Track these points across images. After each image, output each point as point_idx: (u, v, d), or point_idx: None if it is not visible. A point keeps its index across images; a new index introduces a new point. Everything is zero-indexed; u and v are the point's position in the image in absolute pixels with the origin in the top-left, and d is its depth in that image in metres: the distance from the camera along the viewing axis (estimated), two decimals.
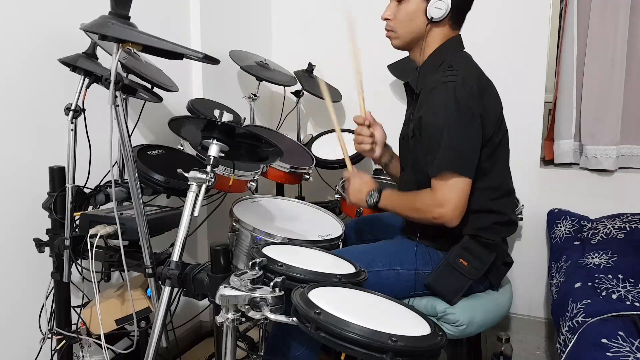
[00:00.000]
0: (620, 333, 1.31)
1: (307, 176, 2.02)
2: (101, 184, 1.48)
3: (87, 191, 1.43)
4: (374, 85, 2.48)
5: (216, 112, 1.16)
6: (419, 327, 0.96)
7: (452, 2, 1.36)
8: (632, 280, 1.62)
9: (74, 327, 1.47)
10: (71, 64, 1.33)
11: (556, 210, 2.21)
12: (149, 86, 1.51)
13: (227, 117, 1.14)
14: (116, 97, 1.12)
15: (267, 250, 1.21)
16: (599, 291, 1.61)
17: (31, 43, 1.48)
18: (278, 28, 2.68)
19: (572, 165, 2.28)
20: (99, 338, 1.33)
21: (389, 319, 1.01)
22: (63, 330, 1.43)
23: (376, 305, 1.06)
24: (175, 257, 1.17)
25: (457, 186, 1.30)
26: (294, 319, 0.93)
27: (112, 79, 1.10)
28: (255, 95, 2.23)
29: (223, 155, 1.20)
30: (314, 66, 2.36)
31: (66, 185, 1.35)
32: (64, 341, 1.44)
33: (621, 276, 1.65)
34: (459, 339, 1.42)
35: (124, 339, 1.51)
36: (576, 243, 2.00)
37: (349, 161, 1.62)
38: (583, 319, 1.44)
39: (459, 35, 1.46)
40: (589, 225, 2.08)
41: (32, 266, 1.50)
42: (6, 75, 1.42)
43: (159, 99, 1.61)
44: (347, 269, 1.23)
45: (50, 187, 1.40)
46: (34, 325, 1.45)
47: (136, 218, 1.21)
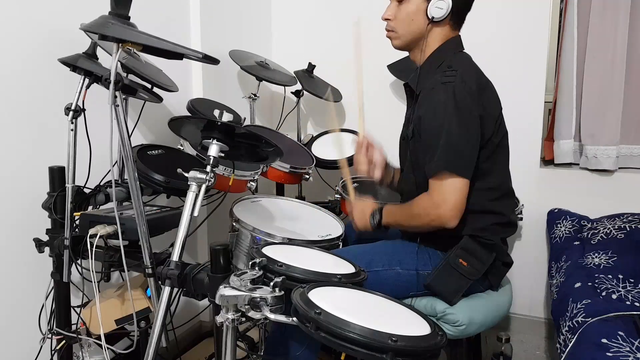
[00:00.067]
0: (620, 333, 1.31)
1: (307, 176, 2.02)
2: (101, 184, 1.48)
3: (87, 191, 1.43)
4: (374, 85, 2.49)
5: (216, 112, 1.16)
6: (419, 327, 0.96)
7: (453, 2, 1.36)
8: (632, 280, 1.62)
9: (73, 327, 1.47)
10: (71, 64, 1.33)
11: (556, 210, 2.21)
12: (149, 86, 1.51)
13: (227, 117, 1.14)
14: (116, 97, 1.12)
15: (267, 250, 1.22)
16: (599, 291, 1.61)
17: (31, 43, 1.48)
18: (278, 28, 2.68)
19: (572, 165, 2.28)
20: (99, 338, 1.33)
21: (389, 319, 1.01)
22: (63, 330, 1.43)
23: (376, 305, 1.06)
24: (175, 257, 1.17)
25: (455, 186, 1.29)
26: (294, 319, 0.93)
27: (112, 79, 1.10)
28: (255, 95, 2.23)
29: (223, 155, 1.20)
30: (314, 66, 2.36)
31: (66, 185, 1.35)
32: (64, 341, 1.44)
33: (621, 276, 1.65)
34: (458, 339, 1.42)
35: (124, 339, 1.51)
36: (576, 243, 2.00)
37: (353, 192, 1.62)
38: (583, 319, 1.44)
39: (459, 35, 1.46)
40: (589, 225, 2.08)
41: (32, 266, 1.50)
42: (6, 75, 1.42)
43: (159, 99, 1.61)
44: (347, 268, 1.23)
45: (50, 187, 1.40)
46: (34, 325, 1.45)
47: (136, 218, 1.21)
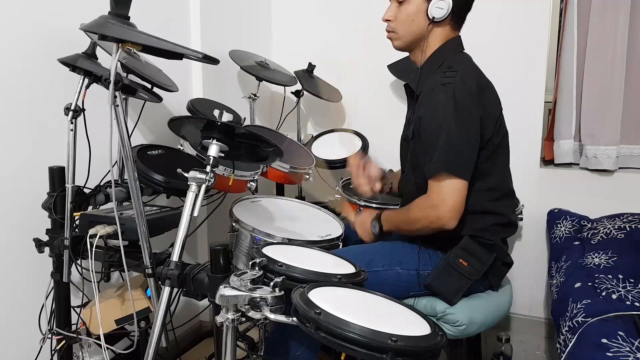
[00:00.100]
0: (620, 333, 1.31)
1: (307, 176, 2.01)
2: (101, 184, 1.48)
3: (87, 191, 1.43)
4: (374, 85, 2.49)
5: (216, 112, 1.15)
6: (419, 327, 0.96)
7: (454, 2, 1.36)
8: (632, 280, 1.62)
9: (73, 327, 1.47)
10: (71, 64, 1.33)
11: (556, 210, 2.21)
12: (149, 86, 1.51)
13: (227, 117, 1.14)
14: (116, 97, 1.12)
15: (267, 250, 1.21)
16: (599, 291, 1.61)
17: (31, 43, 1.48)
18: (278, 28, 2.68)
19: (572, 165, 2.28)
20: (98, 338, 1.33)
21: (389, 319, 1.01)
22: (63, 330, 1.43)
23: (376, 305, 1.06)
24: (175, 257, 1.17)
25: (453, 187, 1.29)
26: (294, 319, 0.93)
27: (112, 79, 1.10)
28: (255, 95, 2.23)
29: (223, 155, 1.20)
30: (314, 66, 2.36)
31: (66, 185, 1.35)
32: (63, 341, 1.44)
33: (621, 276, 1.65)
34: (458, 339, 1.42)
35: (124, 339, 1.51)
36: (576, 243, 2.00)
37: (352, 213, 1.68)
38: (583, 319, 1.44)
39: (459, 36, 1.46)
40: (589, 225, 2.08)
41: (32, 266, 1.50)
42: (6, 75, 1.42)
43: (159, 99, 1.61)
44: (347, 269, 1.23)
45: (50, 187, 1.40)
46: (34, 325, 1.45)
47: (136, 218, 1.21)
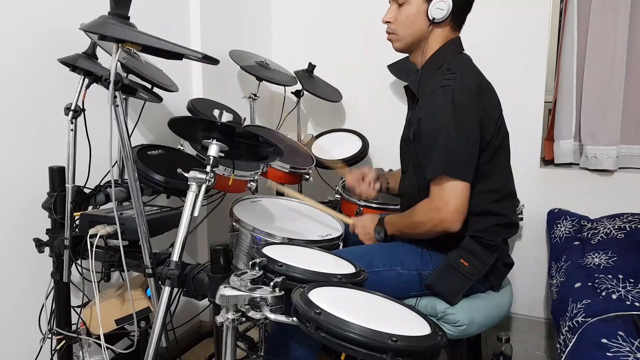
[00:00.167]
0: (620, 333, 1.31)
1: (307, 176, 2.02)
2: (101, 184, 1.48)
3: (87, 191, 1.43)
4: (374, 85, 2.49)
5: (216, 112, 1.16)
6: (419, 327, 0.96)
7: (454, 3, 1.35)
8: (632, 280, 1.62)
9: (74, 327, 1.47)
10: (71, 64, 1.33)
11: (556, 210, 2.21)
12: (149, 86, 1.51)
13: (227, 117, 1.14)
14: (116, 97, 1.12)
15: (267, 250, 1.21)
16: (599, 291, 1.61)
17: (31, 43, 1.48)
18: (278, 28, 2.68)
19: (572, 165, 2.28)
20: (99, 338, 1.33)
21: (389, 319, 1.01)
22: (63, 330, 1.43)
23: (376, 305, 1.06)
24: (175, 257, 1.17)
25: (455, 190, 1.29)
26: (294, 319, 0.93)
27: (112, 79, 1.10)
28: (255, 95, 2.23)
29: (223, 155, 1.20)
30: (314, 66, 2.36)
31: (66, 185, 1.35)
32: (64, 341, 1.44)
33: (621, 276, 1.65)
34: (459, 339, 1.42)
35: (124, 339, 1.51)
36: (576, 243, 2.00)
37: (345, 217, 1.68)
38: (583, 319, 1.44)
39: (459, 37, 1.46)
40: (589, 225, 2.08)
41: (32, 266, 1.50)
42: (6, 75, 1.42)
43: (159, 99, 1.61)
44: (347, 269, 1.23)
45: (50, 187, 1.40)
46: (34, 325, 1.45)
47: (136, 218, 1.21)
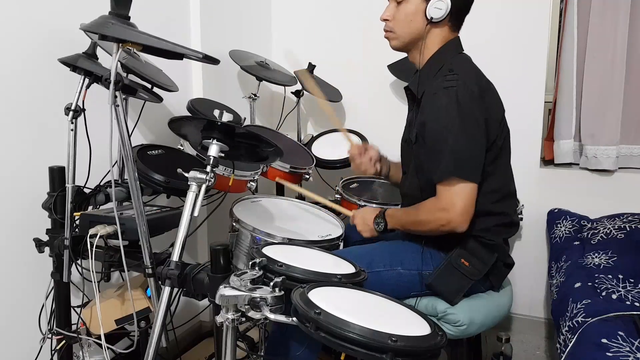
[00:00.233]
0: (620, 333, 1.31)
1: (307, 176, 2.02)
2: (101, 184, 1.48)
3: (87, 191, 1.43)
4: (374, 85, 2.49)
5: (216, 112, 1.15)
6: (419, 327, 0.96)
7: (452, 2, 1.35)
8: (632, 280, 1.62)
9: (74, 327, 1.47)
10: (71, 64, 1.33)
11: (556, 210, 2.21)
12: (149, 86, 1.51)
13: (227, 117, 1.14)
14: (116, 97, 1.12)
15: (267, 250, 1.21)
16: (599, 291, 1.61)
17: (31, 43, 1.48)
18: (278, 28, 2.68)
19: (572, 165, 2.28)
20: (99, 338, 1.33)
21: (389, 319, 1.01)
22: (63, 330, 1.43)
23: (376, 305, 1.06)
24: (175, 257, 1.17)
25: (463, 191, 1.29)
26: (294, 319, 0.93)
27: (112, 79, 1.10)
28: (255, 95, 2.23)
29: (223, 155, 1.20)
30: (314, 66, 2.36)
31: (66, 185, 1.35)
32: (64, 341, 1.44)
33: (621, 276, 1.65)
34: (459, 339, 1.42)
35: (124, 339, 1.51)
36: (576, 243, 2.00)
37: (346, 210, 1.68)
38: (583, 319, 1.44)
39: (458, 37, 1.46)
40: (589, 225, 2.08)
41: (32, 266, 1.50)
42: (6, 75, 1.42)
43: (159, 99, 1.61)
44: (347, 269, 1.23)
45: (50, 187, 1.40)
46: (34, 325, 1.45)
47: (136, 218, 1.21)
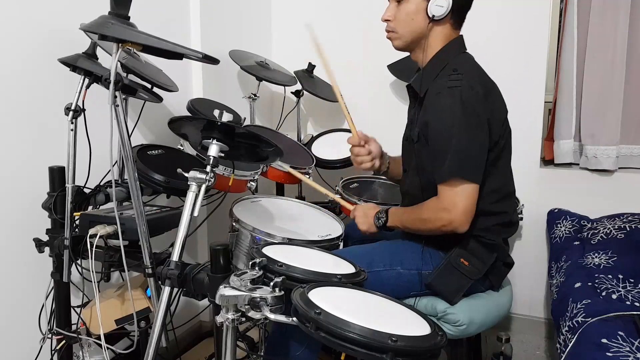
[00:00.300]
0: (620, 333, 1.31)
1: (307, 176, 2.01)
2: (101, 184, 1.48)
3: (87, 191, 1.43)
4: (374, 85, 2.49)
5: (216, 112, 1.15)
6: (419, 327, 0.96)
7: (453, 0, 1.35)
8: (632, 280, 1.62)
9: (74, 327, 1.47)
10: (71, 64, 1.33)
11: (556, 210, 2.21)
12: (149, 86, 1.51)
13: (227, 117, 1.14)
14: (116, 97, 1.12)
15: (267, 250, 1.21)
16: (599, 291, 1.61)
17: (31, 43, 1.48)
18: (278, 28, 2.68)
19: (572, 165, 2.28)
20: (99, 338, 1.33)
21: (389, 319, 1.01)
22: (63, 330, 1.43)
23: (376, 305, 1.06)
24: (175, 257, 1.17)
25: (465, 192, 1.29)
26: (294, 319, 0.93)
27: (112, 79, 1.10)
28: (255, 95, 2.23)
29: (223, 155, 1.20)
30: (314, 66, 2.36)
31: (66, 185, 1.35)
32: (64, 341, 1.44)
33: (621, 276, 1.65)
34: (459, 338, 1.42)
35: (124, 339, 1.51)
36: (576, 243, 2.00)
37: (348, 205, 1.67)
38: (583, 319, 1.44)
39: (461, 36, 1.45)
40: (589, 225, 2.08)
41: (32, 266, 1.50)
42: (6, 75, 1.42)
43: (159, 99, 1.61)
44: (347, 269, 1.23)
45: (50, 187, 1.40)
46: (34, 325, 1.45)
47: (136, 218, 1.21)
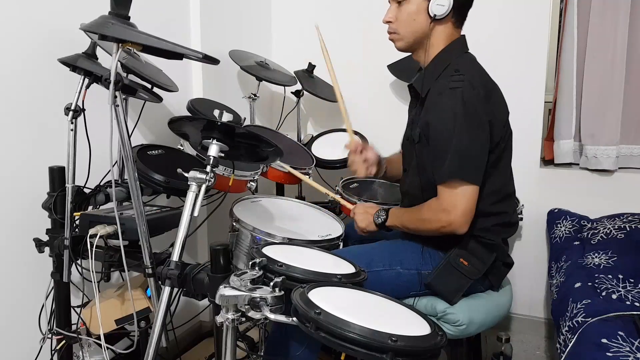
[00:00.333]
0: (620, 333, 1.31)
1: (307, 176, 2.01)
2: (101, 184, 1.48)
3: (87, 191, 1.43)
4: (374, 86, 2.49)
5: (216, 112, 1.15)
6: (419, 327, 0.96)
7: None
8: (632, 280, 1.62)
9: (74, 327, 1.47)
10: (71, 64, 1.33)
11: (556, 210, 2.21)
12: (149, 86, 1.51)
13: (227, 117, 1.14)
14: (116, 97, 1.12)
15: (267, 250, 1.21)
16: (599, 291, 1.61)
17: (31, 43, 1.48)
18: (278, 28, 2.68)
19: (572, 165, 2.28)
20: (99, 338, 1.33)
21: (389, 319, 1.01)
22: (63, 330, 1.43)
23: (376, 305, 1.06)
24: (175, 257, 1.17)
25: (465, 193, 1.29)
26: (294, 319, 0.93)
27: (112, 79, 1.10)
28: (255, 95, 2.23)
29: (223, 155, 1.20)
30: (314, 66, 2.36)
31: (66, 185, 1.35)
32: (64, 341, 1.44)
33: (621, 276, 1.65)
34: (459, 338, 1.42)
35: (124, 339, 1.51)
36: (576, 243, 2.00)
37: (348, 204, 1.69)
38: (583, 319, 1.44)
39: (463, 36, 1.45)
40: (589, 225, 2.08)
41: (32, 266, 1.50)
42: (6, 75, 1.42)
43: (159, 99, 1.61)
44: (347, 269, 1.23)
45: (50, 187, 1.40)
46: (34, 325, 1.45)
47: (136, 218, 1.21)
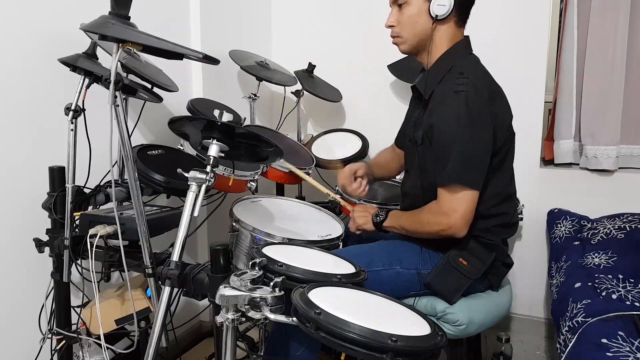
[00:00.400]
0: (620, 333, 1.31)
1: (308, 176, 2.01)
2: (101, 184, 1.48)
3: (87, 191, 1.43)
4: (374, 86, 2.49)
5: (216, 112, 1.15)
6: (418, 327, 0.96)
7: None
8: (632, 280, 1.62)
9: (74, 327, 1.47)
10: (71, 64, 1.33)
11: (556, 210, 2.21)
12: (149, 86, 1.51)
13: (227, 117, 1.14)
14: (116, 97, 1.12)
15: (267, 250, 1.22)
16: (599, 291, 1.61)
17: (31, 43, 1.48)
18: (278, 28, 2.68)
19: (572, 165, 2.28)
20: (99, 338, 1.33)
21: (389, 319, 1.01)
22: (63, 330, 1.43)
23: (376, 305, 1.06)
24: (175, 257, 1.17)
25: (465, 198, 1.29)
26: (294, 319, 0.93)
27: (112, 79, 1.10)
28: (255, 95, 2.23)
29: (223, 155, 1.20)
30: (314, 66, 2.36)
31: (66, 185, 1.35)
32: (64, 341, 1.44)
33: (621, 276, 1.65)
34: (458, 338, 1.42)
35: (124, 339, 1.51)
36: (576, 243, 2.00)
37: (349, 205, 1.74)
38: (583, 319, 1.44)
39: (467, 37, 1.45)
40: (589, 225, 2.08)
41: (32, 266, 1.50)
42: (6, 75, 1.42)
43: (159, 99, 1.61)
44: (347, 269, 1.23)
45: (50, 187, 1.40)
46: (34, 325, 1.45)
47: (136, 218, 1.21)
